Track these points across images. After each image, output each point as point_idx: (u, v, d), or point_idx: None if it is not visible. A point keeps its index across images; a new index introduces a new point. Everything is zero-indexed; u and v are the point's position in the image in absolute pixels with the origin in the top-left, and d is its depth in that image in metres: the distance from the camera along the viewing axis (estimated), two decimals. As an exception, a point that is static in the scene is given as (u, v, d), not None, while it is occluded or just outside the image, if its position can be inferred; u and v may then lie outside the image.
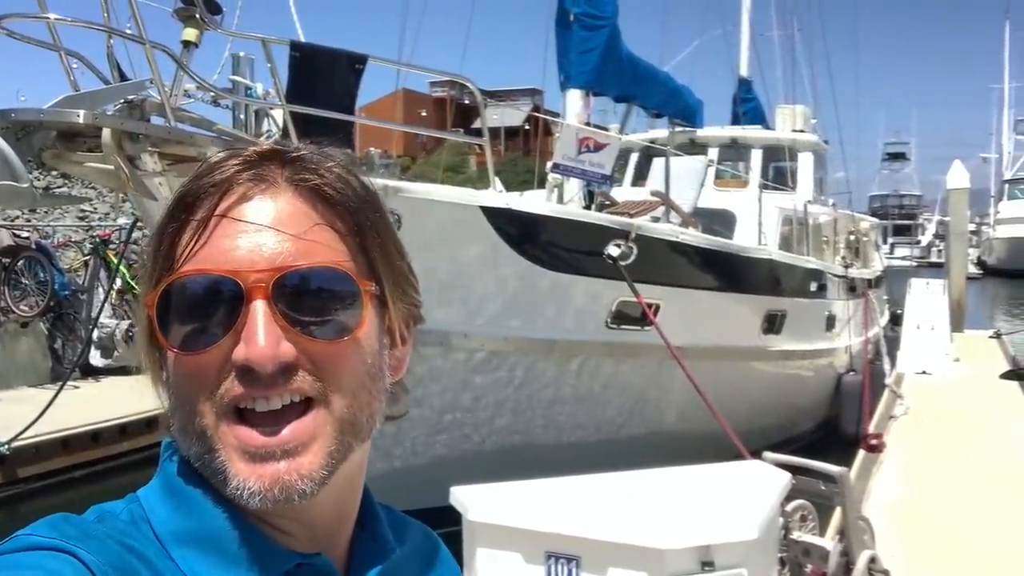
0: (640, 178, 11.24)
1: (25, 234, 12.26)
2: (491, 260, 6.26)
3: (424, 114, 49.27)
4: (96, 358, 10.52)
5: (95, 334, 10.09)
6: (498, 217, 6.14)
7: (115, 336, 10.61)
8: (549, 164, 7.82)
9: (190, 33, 4.64)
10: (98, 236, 11.98)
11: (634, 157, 11.88)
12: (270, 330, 0.71)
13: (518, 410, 6.89)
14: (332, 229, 0.77)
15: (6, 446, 7.62)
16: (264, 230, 0.74)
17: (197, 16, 4.61)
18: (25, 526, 0.70)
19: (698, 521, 3.13)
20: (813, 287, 9.81)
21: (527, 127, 47.73)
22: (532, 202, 7.13)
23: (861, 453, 7.48)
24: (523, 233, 6.36)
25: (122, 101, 4.64)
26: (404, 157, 40.82)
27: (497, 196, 6.44)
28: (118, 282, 10.69)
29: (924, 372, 11.80)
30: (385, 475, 5.64)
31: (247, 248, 0.73)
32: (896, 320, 15.71)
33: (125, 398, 8.70)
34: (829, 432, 10.58)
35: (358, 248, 0.78)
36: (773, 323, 8.84)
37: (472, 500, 3.20)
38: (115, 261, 10.58)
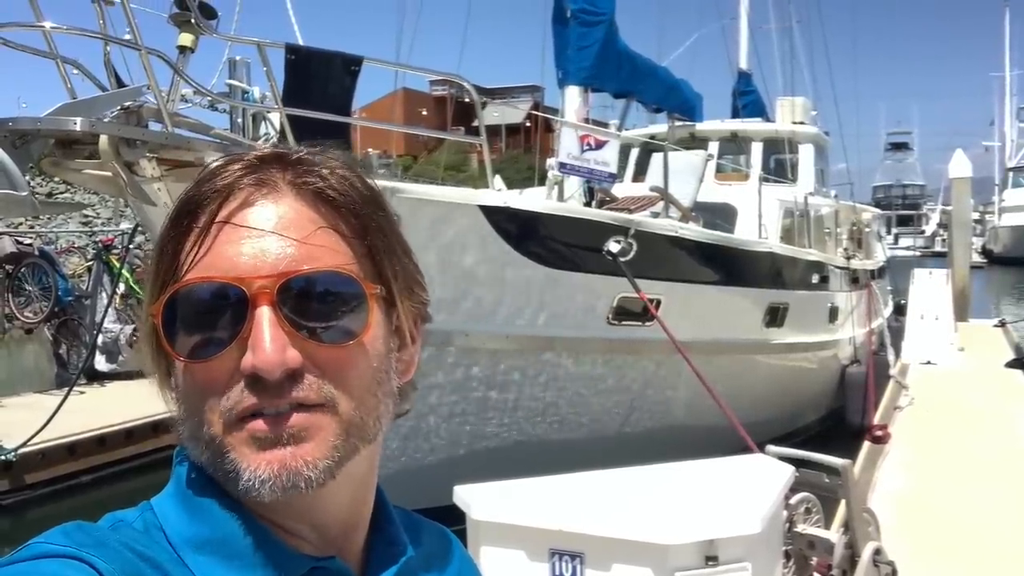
0: (640, 174, 11.22)
1: (28, 240, 12.29)
2: (491, 259, 6.26)
3: (425, 112, 49.25)
4: (101, 363, 10.57)
5: (99, 339, 10.13)
6: (497, 216, 6.15)
7: (119, 341, 10.66)
8: (550, 161, 7.81)
9: (186, 38, 4.65)
10: (101, 241, 12.02)
11: (634, 153, 11.86)
12: (276, 336, 0.71)
13: (520, 408, 6.89)
14: (336, 232, 0.76)
15: (13, 452, 7.65)
16: (267, 235, 0.73)
17: (192, 21, 4.62)
18: (33, 532, 0.70)
19: (702, 516, 3.14)
20: (815, 279, 9.80)
21: (527, 124, 47.69)
22: (531, 200, 7.12)
23: (866, 444, 7.48)
24: (523, 231, 6.36)
25: (119, 107, 4.65)
26: (405, 156, 40.82)
27: (496, 195, 6.44)
28: (121, 287, 10.71)
29: (929, 362, 11.77)
30: (388, 475, 5.65)
31: (251, 254, 0.73)
32: (900, 310, 15.71)
33: (131, 402, 8.73)
34: (834, 424, 10.57)
35: (363, 250, 0.77)
36: (775, 316, 8.83)
37: (475, 499, 3.21)
38: (118, 266, 10.60)
